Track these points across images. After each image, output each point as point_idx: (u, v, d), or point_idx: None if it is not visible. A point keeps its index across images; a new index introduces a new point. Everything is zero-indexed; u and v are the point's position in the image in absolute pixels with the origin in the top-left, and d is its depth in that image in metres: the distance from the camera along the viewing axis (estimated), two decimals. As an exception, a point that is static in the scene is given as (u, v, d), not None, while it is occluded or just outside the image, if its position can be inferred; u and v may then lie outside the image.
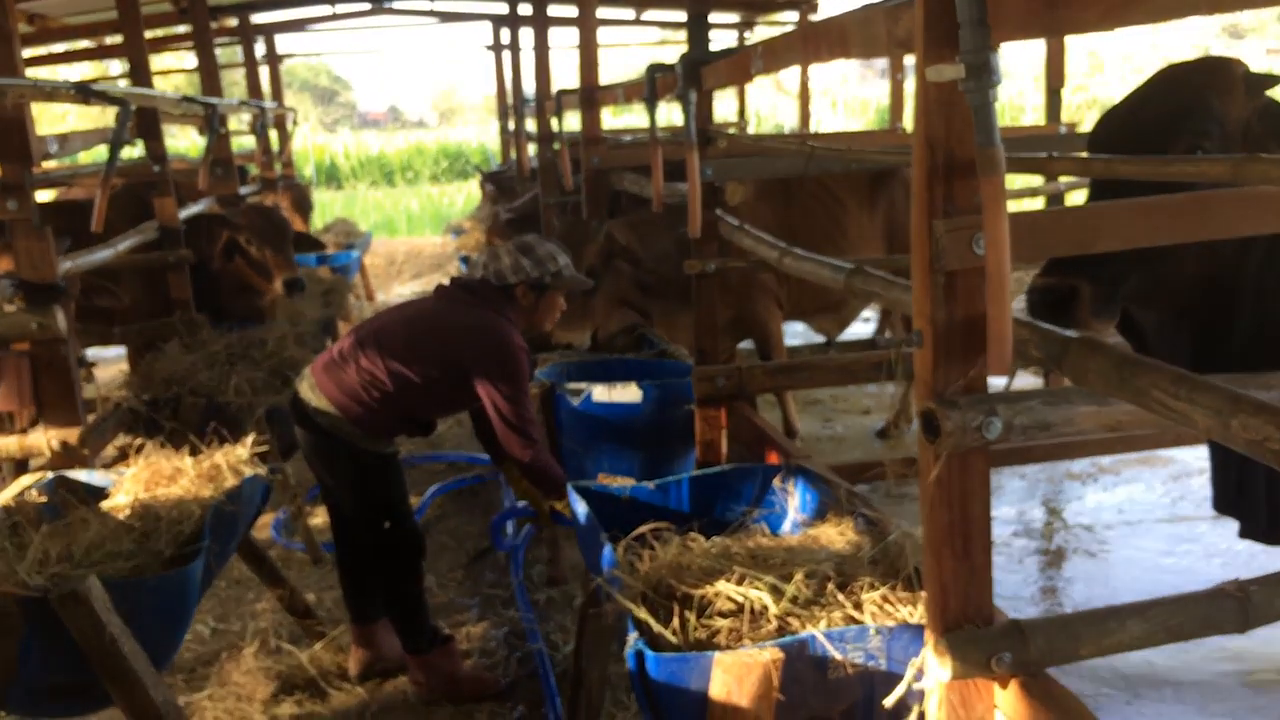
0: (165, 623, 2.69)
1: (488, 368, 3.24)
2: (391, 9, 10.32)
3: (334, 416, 3.26)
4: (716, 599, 2.33)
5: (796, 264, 3.18)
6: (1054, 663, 1.90)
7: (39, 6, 7.84)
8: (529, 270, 3.36)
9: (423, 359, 3.26)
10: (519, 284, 3.37)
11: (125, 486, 3.21)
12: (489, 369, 3.24)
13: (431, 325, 3.34)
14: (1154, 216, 1.75)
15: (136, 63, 5.30)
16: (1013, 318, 1.67)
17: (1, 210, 3.47)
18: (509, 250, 3.42)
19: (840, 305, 5.54)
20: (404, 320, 3.39)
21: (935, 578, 1.91)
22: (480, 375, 3.24)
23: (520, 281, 3.37)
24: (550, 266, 3.39)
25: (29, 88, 3.41)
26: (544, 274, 3.38)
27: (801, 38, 2.71)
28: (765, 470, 3.13)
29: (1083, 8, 1.50)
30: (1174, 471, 5.11)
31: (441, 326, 3.33)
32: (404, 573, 3.43)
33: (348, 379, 3.26)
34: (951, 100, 1.70)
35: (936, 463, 1.85)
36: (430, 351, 3.27)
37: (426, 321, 3.37)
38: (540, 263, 3.38)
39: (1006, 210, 1.56)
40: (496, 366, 3.24)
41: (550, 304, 3.48)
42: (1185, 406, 1.43)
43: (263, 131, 8.23)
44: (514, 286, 3.37)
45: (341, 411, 3.26)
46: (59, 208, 5.27)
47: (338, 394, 3.26)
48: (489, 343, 3.27)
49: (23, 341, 3.54)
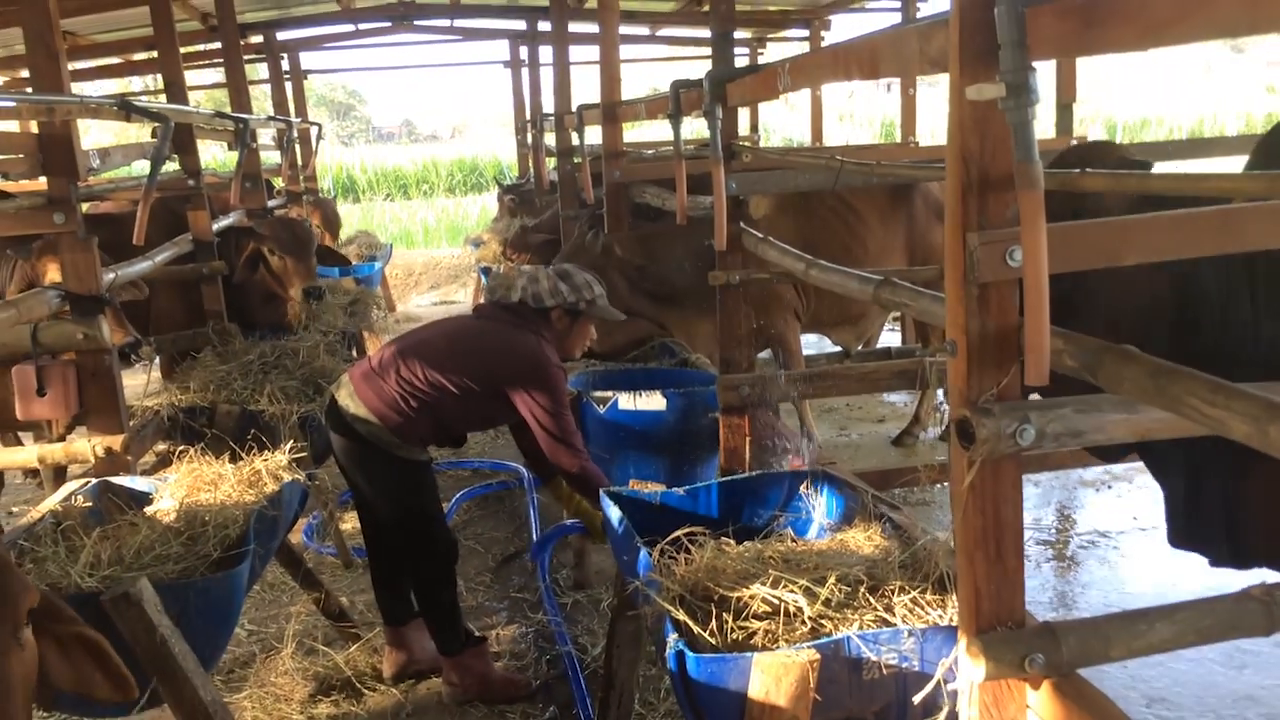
0: (213, 624, 2.76)
1: (528, 385, 3.34)
2: (413, 26, 10.44)
3: (372, 424, 3.35)
4: (752, 601, 2.38)
5: (823, 276, 3.25)
6: (1085, 664, 1.94)
7: (70, 24, 7.98)
8: (566, 296, 3.49)
9: (462, 373, 3.35)
10: (555, 308, 3.49)
11: (169, 492, 3.29)
12: (529, 386, 3.34)
13: (473, 342, 3.45)
14: (1184, 229, 1.81)
15: (172, 79, 5.41)
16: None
17: (48, 223, 3.56)
18: (548, 275, 3.54)
19: (859, 318, 5.60)
20: (445, 335, 3.50)
21: (969, 580, 1.97)
22: (520, 392, 3.35)
23: (557, 305, 3.48)
24: (586, 294, 3.52)
25: (76, 104, 3.51)
26: (580, 300, 3.50)
27: (832, 56, 2.77)
28: (792, 477, 3.19)
29: (1120, 28, 1.55)
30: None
31: (483, 344, 3.43)
32: (438, 576, 3.50)
33: (387, 389, 3.35)
34: (986, 117, 1.77)
35: (971, 469, 1.91)
36: (471, 366, 3.36)
37: (468, 339, 3.47)
38: (577, 289, 3.51)
39: (1044, 224, 1.62)
40: (536, 384, 3.35)
41: (582, 330, 3.60)
42: (1222, 414, 1.48)
43: (288, 146, 8.35)
44: (550, 310, 3.49)
45: (380, 420, 3.34)
46: (94, 220, 5.36)
47: (377, 403, 3.34)
48: (528, 361, 3.37)
49: (69, 351, 3.62)
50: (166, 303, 5.38)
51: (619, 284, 5.00)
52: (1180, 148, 4.86)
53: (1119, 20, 1.54)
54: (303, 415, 4.40)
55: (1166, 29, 1.46)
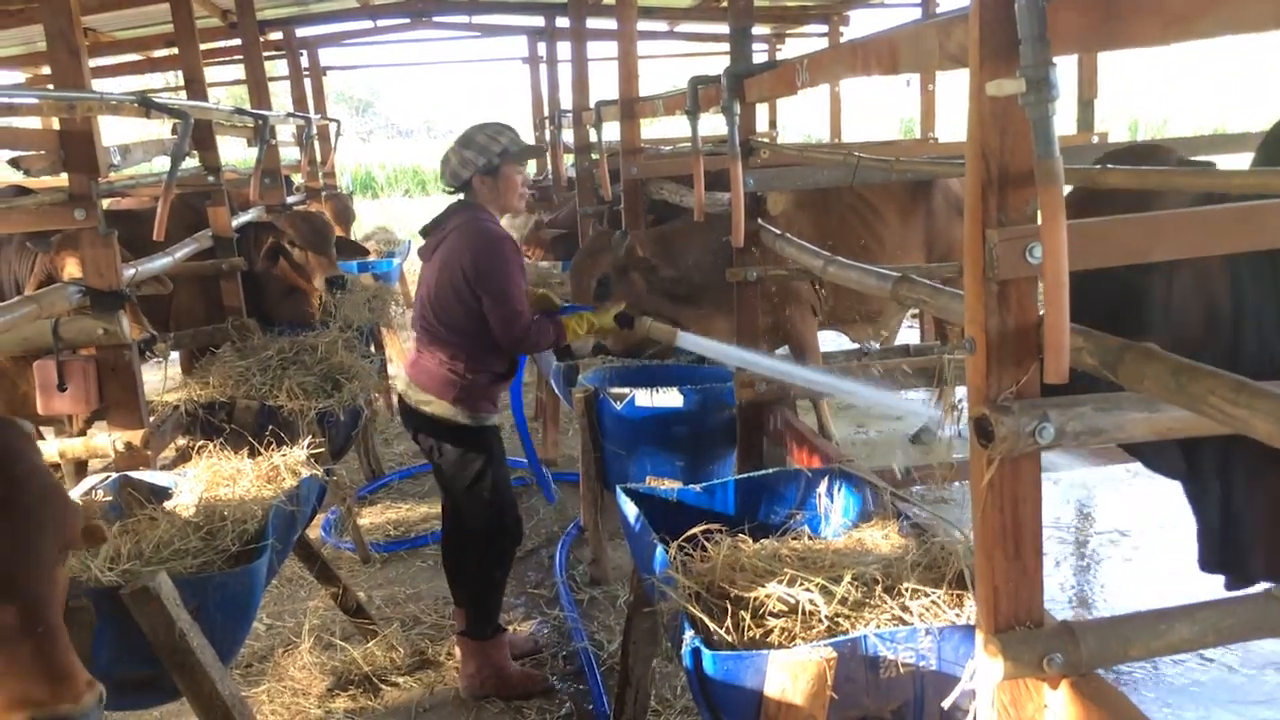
0: (232, 618, 2.77)
1: (481, 265, 3.39)
2: (431, 22, 10.45)
3: (435, 403, 3.47)
4: (768, 600, 2.38)
5: (841, 273, 3.23)
6: (1104, 664, 1.93)
7: (91, 21, 8.03)
8: (475, 160, 3.50)
9: (452, 289, 3.43)
10: (472, 176, 3.51)
11: (188, 487, 3.31)
12: (481, 265, 3.39)
13: (442, 259, 3.50)
14: (1210, 225, 1.79)
15: (192, 76, 5.44)
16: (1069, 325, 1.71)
17: (69, 219, 3.58)
18: (453, 150, 3.57)
19: (878, 315, 5.57)
20: (430, 273, 3.56)
21: (987, 579, 1.96)
22: (474, 278, 3.39)
23: (473, 173, 3.50)
24: (494, 148, 3.51)
25: (96, 101, 3.53)
26: (490, 157, 3.49)
27: (850, 52, 2.76)
28: (808, 474, 3.18)
29: (1141, 22, 1.53)
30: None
31: (446, 253, 3.48)
32: (500, 556, 3.59)
33: (430, 364, 3.48)
34: (1006, 113, 1.75)
35: (990, 467, 1.89)
36: (452, 277, 3.43)
37: (439, 258, 3.52)
38: (483, 149, 3.50)
39: (1064, 220, 1.60)
40: (485, 261, 3.39)
41: (509, 182, 3.57)
42: (1245, 413, 1.46)
43: (308, 143, 8.38)
44: (470, 180, 3.51)
45: (439, 396, 3.46)
46: (114, 217, 5.40)
47: (430, 381, 3.47)
48: (474, 241, 3.42)
49: (89, 346, 3.65)
50: (187, 299, 5.41)
51: (639, 284, 5.00)
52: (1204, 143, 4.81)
53: (1140, 14, 1.53)
54: (321, 411, 4.42)
55: (1188, 23, 1.45)
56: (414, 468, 5.92)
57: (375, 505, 5.46)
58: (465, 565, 3.60)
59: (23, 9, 6.58)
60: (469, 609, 3.57)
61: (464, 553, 3.60)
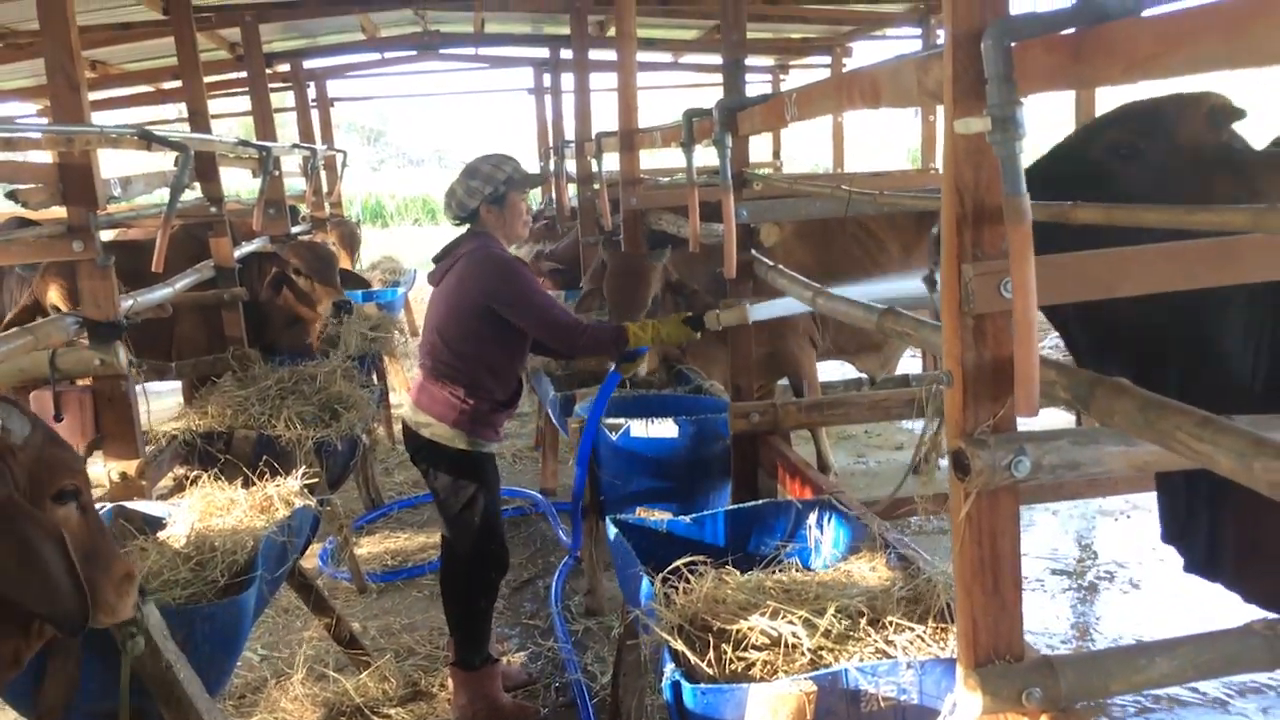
0: (219, 650, 2.78)
1: (498, 291, 3.44)
2: (438, 54, 10.57)
3: (435, 426, 3.50)
4: (751, 632, 2.38)
5: (829, 304, 3.24)
6: (1084, 698, 1.92)
7: (100, 53, 8.16)
8: (482, 189, 3.56)
9: (461, 315, 3.48)
10: (479, 205, 3.57)
11: (181, 517, 3.32)
12: (499, 291, 3.44)
13: (451, 286, 3.54)
14: (1180, 260, 1.80)
15: (196, 109, 5.51)
16: (1040, 359, 1.72)
17: (67, 251, 3.62)
18: (458, 182, 3.63)
19: (882, 345, 5.57)
20: (440, 298, 3.60)
21: (966, 612, 1.96)
22: (497, 301, 3.44)
23: (480, 202, 3.56)
24: (499, 176, 3.58)
25: (95, 134, 3.58)
26: (495, 185, 3.56)
27: (835, 86, 2.79)
28: (799, 505, 3.18)
29: (1106, 64, 1.55)
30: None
31: (456, 281, 3.52)
32: (482, 584, 3.59)
33: (435, 388, 3.50)
34: (980, 149, 1.77)
35: (967, 500, 1.90)
36: (460, 305, 3.48)
37: (448, 285, 3.57)
38: (489, 178, 3.57)
39: (1033, 257, 1.62)
40: (503, 284, 3.45)
41: (515, 209, 3.65)
42: (1209, 449, 1.47)
43: (314, 173, 8.46)
44: (477, 209, 3.57)
45: (440, 419, 3.49)
46: (118, 247, 5.46)
47: (431, 404, 3.51)
48: (486, 268, 3.46)
49: (86, 377, 3.68)
50: (190, 328, 5.46)
51: (669, 306, 5.02)
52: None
53: (1105, 55, 1.55)
54: (318, 440, 4.43)
55: (1150, 64, 1.47)
56: (414, 498, 5.92)
57: (373, 535, 5.47)
58: (452, 593, 3.61)
59: (31, 42, 6.69)
60: (457, 638, 3.58)
61: (451, 580, 3.62)
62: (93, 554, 2.18)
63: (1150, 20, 1.49)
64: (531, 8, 8.61)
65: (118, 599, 2.20)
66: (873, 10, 8.73)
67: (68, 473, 2.13)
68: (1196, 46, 1.42)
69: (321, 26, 9.10)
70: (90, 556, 2.17)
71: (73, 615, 2.04)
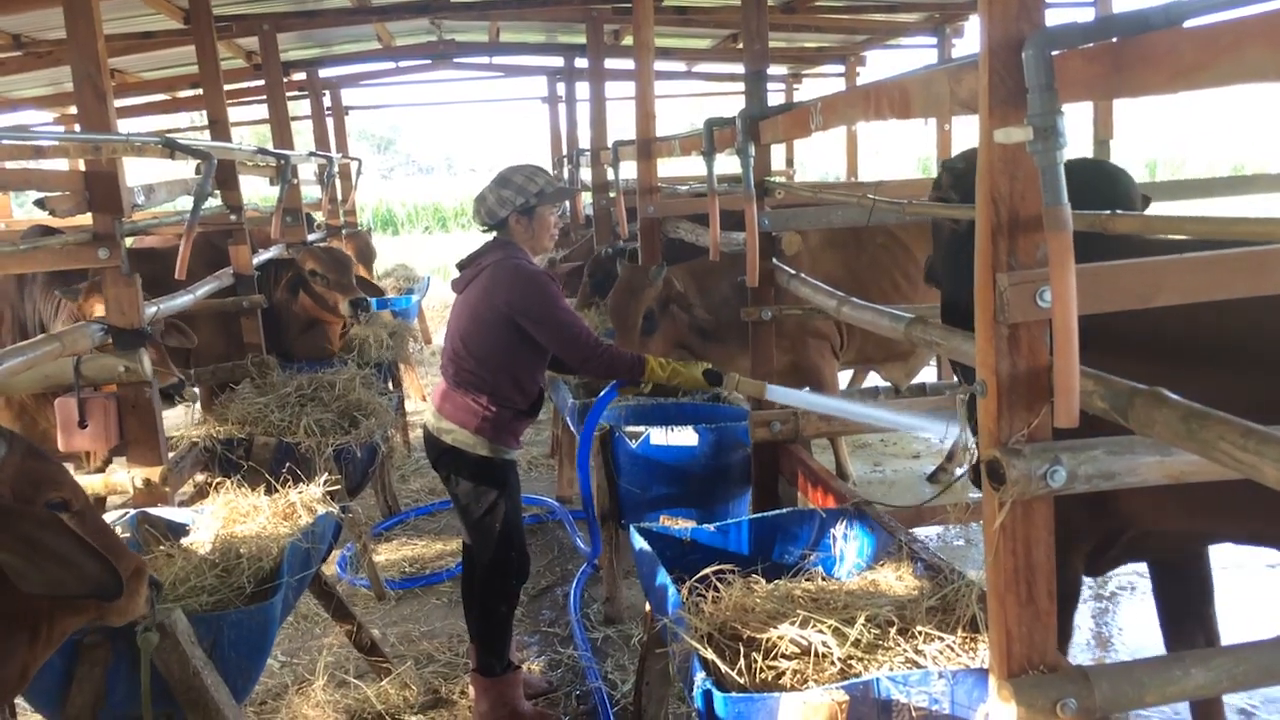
0: (246, 656, 2.78)
1: (522, 304, 3.42)
2: (452, 63, 10.61)
3: (457, 432, 3.49)
4: (781, 641, 2.38)
5: (855, 313, 3.25)
6: (1119, 709, 1.92)
7: (118, 62, 8.20)
8: (513, 199, 3.53)
9: (485, 325, 3.46)
10: (509, 215, 3.54)
11: (205, 523, 3.33)
12: (523, 304, 3.42)
13: (476, 295, 3.52)
14: (1215, 271, 1.80)
15: (216, 117, 5.54)
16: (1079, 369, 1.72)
17: (92, 258, 3.64)
18: (490, 189, 3.60)
19: (908, 354, 5.55)
20: (464, 307, 3.58)
21: (1000, 623, 1.95)
22: (520, 313, 3.42)
23: (510, 212, 3.54)
24: (531, 188, 3.55)
25: (122, 143, 3.60)
26: (527, 197, 3.54)
27: (863, 96, 2.79)
28: (823, 514, 3.17)
29: (1148, 72, 1.55)
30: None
31: (484, 289, 3.50)
32: (502, 591, 3.57)
33: (458, 395, 3.49)
34: (1015, 159, 1.78)
35: (1001, 510, 1.90)
36: (486, 313, 3.46)
37: (472, 293, 3.54)
38: (521, 189, 3.54)
39: (1073, 266, 1.62)
40: (527, 298, 3.42)
41: (543, 223, 3.62)
42: (1254, 459, 1.46)
43: (329, 181, 8.50)
44: (506, 219, 3.55)
45: (462, 425, 3.48)
46: (139, 255, 5.49)
47: (454, 410, 3.49)
48: (512, 280, 3.45)
49: (110, 384, 3.69)
50: (209, 335, 5.48)
51: (680, 318, 5.03)
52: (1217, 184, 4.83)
53: (1147, 65, 1.55)
54: (338, 447, 4.45)
55: (1194, 74, 1.47)
56: (431, 505, 5.93)
57: (391, 542, 5.47)
58: (473, 600, 3.61)
59: (51, 51, 6.74)
60: (477, 645, 3.57)
61: (471, 586, 3.62)
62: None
63: (1193, 31, 1.49)
64: (547, 17, 8.64)
65: (128, 598, 2.19)
66: (887, 20, 8.74)
67: (51, 485, 2.12)
68: (1240, 56, 1.42)
69: (338, 36, 9.15)
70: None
71: (104, 583, 2.03)
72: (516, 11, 7.93)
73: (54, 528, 2.00)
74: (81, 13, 3.50)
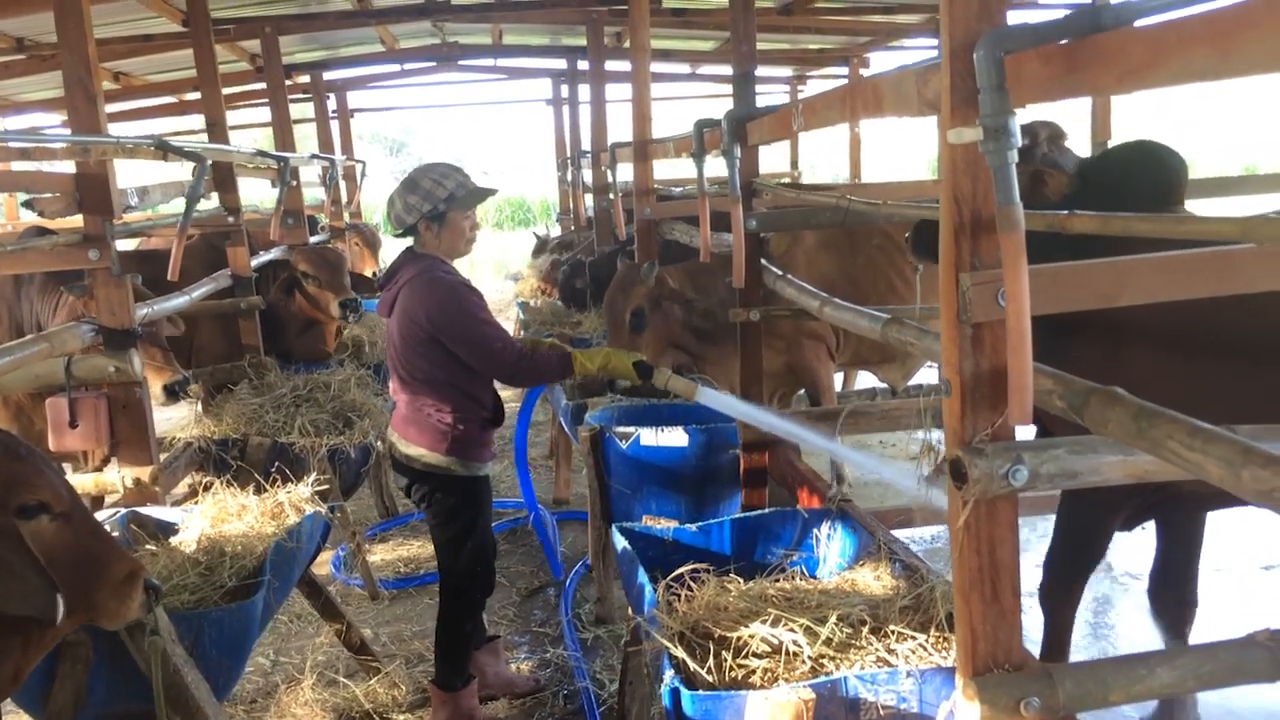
0: (226, 654, 2.80)
1: (436, 320, 3.29)
2: (457, 65, 10.65)
3: (428, 456, 3.41)
4: (752, 640, 2.38)
5: (836, 313, 3.25)
6: (1083, 708, 1.91)
7: (123, 65, 8.27)
8: (419, 206, 3.37)
9: (416, 345, 3.35)
10: (418, 222, 3.39)
11: (194, 523, 3.36)
12: (437, 320, 3.28)
13: (399, 316, 3.40)
14: (1175, 271, 1.80)
15: (214, 119, 5.57)
16: (1035, 368, 1.73)
17: (83, 259, 3.67)
18: (397, 193, 3.43)
19: (904, 355, 5.54)
20: (394, 330, 3.45)
21: (965, 621, 1.95)
22: (440, 331, 3.29)
23: (418, 219, 3.38)
24: (440, 193, 3.36)
25: (112, 145, 3.63)
26: (435, 203, 3.36)
27: (839, 97, 2.80)
28: (805, 514, 3.18)
29: (1100, 74, 1.56)
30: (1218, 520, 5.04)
31: (401, 311, 3.39)
32: (469, 606, 3.55)
33: (418, 417, 3.41)
34: (976, 159, 1.78)
35: (965, 509, 1.90)
36: (412, 335, 3.35)
37: (397, 316, 3.42)
38: (428, 194, 3.36)
39: (1025, 266, 1.62)
40: (440, 313, 3.28)
41: (456, 228, 3.42)
42: (1199, 457, 1.47)
43: (332, 183, 8.54)
44: (415, 226, 3.40)
45: (431, 449, 3.40)
46: (139, 257, 5.53)
47: (419, 435, 3.41)
48: (425, 296, 3.31)
49: (101, 384, 3.72)
50: (208, 336, 5.52)
51: (675, 315, 5.03)
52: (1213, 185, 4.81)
53: (1099, 65, 1.55)
54: (332, 448, 4.47)
55: (1142, 73, 1.47)
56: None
57: (386, 542, 5.49)
58: (441, 614, 3.58)
59: (54, 54, 6.79)
60: (440, 658, 3.54)
61: (441, 599, 3.59)
62: (84, 560, 2.17)
63: (1142, 31, 1.50)
64: (549, 20, 8.66)
65: (118, 602, 2.19)
66: (888, 21, 8.72)
67: (27, 488, 2.10)
68: (1187, 57, 1.42)
69: (341, 38, 9.19)
70: (81, 562, 2.16)
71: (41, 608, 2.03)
72: (516, 14, 7.96)
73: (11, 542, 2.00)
74: (71, 15, 3.53)
